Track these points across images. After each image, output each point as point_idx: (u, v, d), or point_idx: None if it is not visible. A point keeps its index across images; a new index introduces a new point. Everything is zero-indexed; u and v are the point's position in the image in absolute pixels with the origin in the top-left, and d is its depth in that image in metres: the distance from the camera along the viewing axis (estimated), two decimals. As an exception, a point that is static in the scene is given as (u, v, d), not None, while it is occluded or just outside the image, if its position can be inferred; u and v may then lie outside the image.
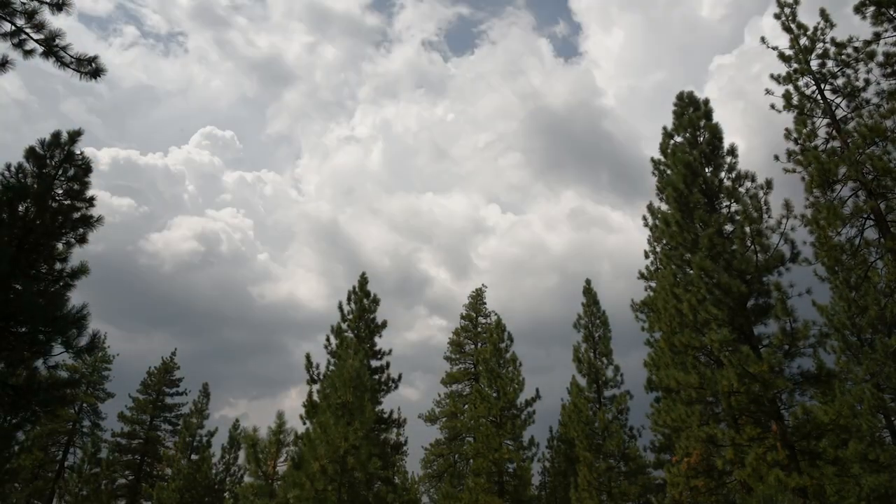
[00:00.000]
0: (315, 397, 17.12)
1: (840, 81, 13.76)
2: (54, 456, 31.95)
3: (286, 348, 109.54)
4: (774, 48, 14.62)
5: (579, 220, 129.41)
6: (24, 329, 9.57)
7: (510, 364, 22.48)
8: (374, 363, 19.11)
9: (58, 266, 10.18)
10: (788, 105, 14.39)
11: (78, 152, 10.75)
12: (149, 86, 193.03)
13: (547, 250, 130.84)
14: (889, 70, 12.77)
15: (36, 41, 7.46)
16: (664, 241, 17.43)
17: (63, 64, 7.65)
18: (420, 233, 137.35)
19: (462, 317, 35.04)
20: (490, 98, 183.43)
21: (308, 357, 18.65)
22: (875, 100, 13.28)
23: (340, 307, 19.82)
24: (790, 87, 14.40)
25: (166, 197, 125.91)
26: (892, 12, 12.22)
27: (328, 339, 19.20)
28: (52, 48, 7.50)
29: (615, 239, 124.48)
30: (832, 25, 13.90)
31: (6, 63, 7.47)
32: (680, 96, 16.38)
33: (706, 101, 15.73)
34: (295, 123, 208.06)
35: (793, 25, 14.46)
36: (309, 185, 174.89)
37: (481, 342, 32.52)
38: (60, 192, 10.51)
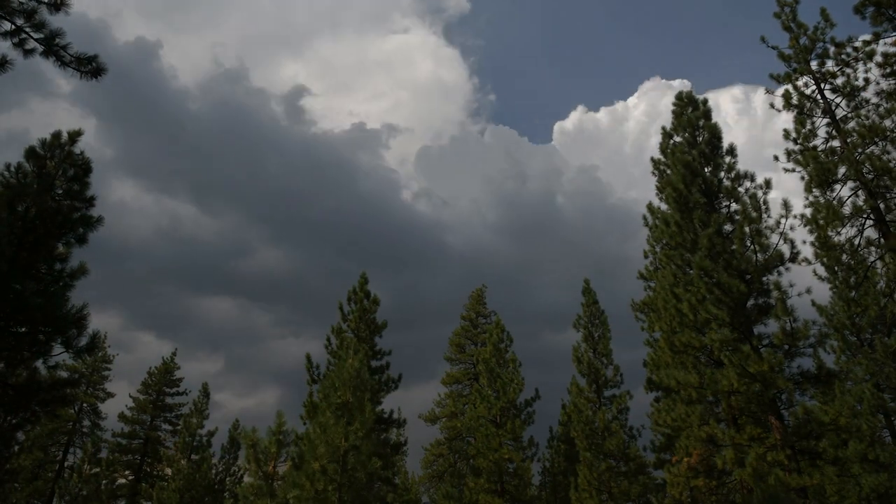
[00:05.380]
0: (315, 397, 17.12)
1: (840, 81, 13.76)
2: (54, 456, 31.94)
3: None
4: (774, 47, 14.62)
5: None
6: (24, 329, 9.57)
7: (510, 364, 22.48)
8: (374, 363, 19.12)
9: (58, 266, 10.19)
10: (788, 104, 14.38)
11: (77, 152, 10.76)
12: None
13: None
14: (888, 70, 12.76)
15: (36, 40, 7.45)
16: (664, 241, 17.43)
17: (63, 63, 7.65)
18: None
19: (462, 317, 35.03)
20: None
21: (308, 357, 18.69)
22: (875, 99, 13.27)
23: (340, 307, 19.84)
24: (789, 87, 14.40)
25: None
26: (891, 12, 12.21)
27: (328, 340, 19.22)
28: (52, 47, 7.49)
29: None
30: (832, 25, 13.89)
31: (5, 63, 7.46)
32: (679, 96, 16.41)
33: (705, 101, 15.76)
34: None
35: (792, 24, 14.46)
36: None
37: (481, 343, 32.50)
38: (60, 192, 10.52)
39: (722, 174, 14.53)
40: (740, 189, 14.02)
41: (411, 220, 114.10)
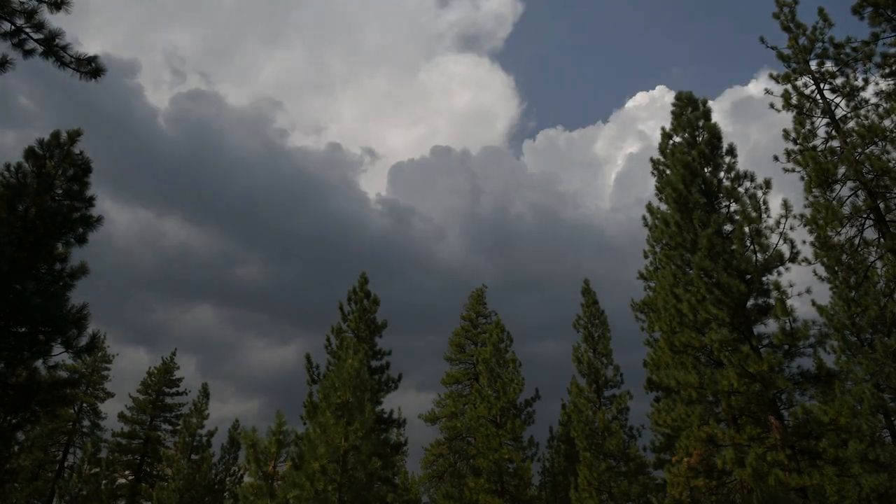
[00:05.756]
0: (315, 397, 17.12)
1: (839, 81, 13.77)
2: (54, 456, 31.95)
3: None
4: (773, 47, 14.63)
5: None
6: (24, 329, 9.58)
7: (510, 364, 22.48)
8: (374, 363, 19.13)
9: (58, 266, 10.19)
10: (787, 105, 14.39)
11: (77, 152, 10.77)
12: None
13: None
14: (887, 70, 12.77)
15: (36, 41, 7.46)
16: (664, 241, 17.42)
17: (63, 64, 7.65)
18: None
19: (462, 317, 35.04)
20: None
21: (308, 357, 18.68)
22: (874, 99, 13.29)
23: (340, 307, 19.84)
24: (789, 87, 14.41)
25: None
26: (889, 13, 12.22)
27: (328, 340, 19.22)
28: (52, 48, 7.49)
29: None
30: (830, 25, 13.91)
31: (6, 63, 7.47)
32: (678, 96, 16.40)
33: (704, 101, 15.75)
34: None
35: (791, 25, 14.47)
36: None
37: (481, 343, 32.51)
38: (60, 192, 10.53)
39: (722, 174, 14.53)
40: (740, 189, 14.02)
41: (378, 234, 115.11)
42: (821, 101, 14.13)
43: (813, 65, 14.16)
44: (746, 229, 12.93)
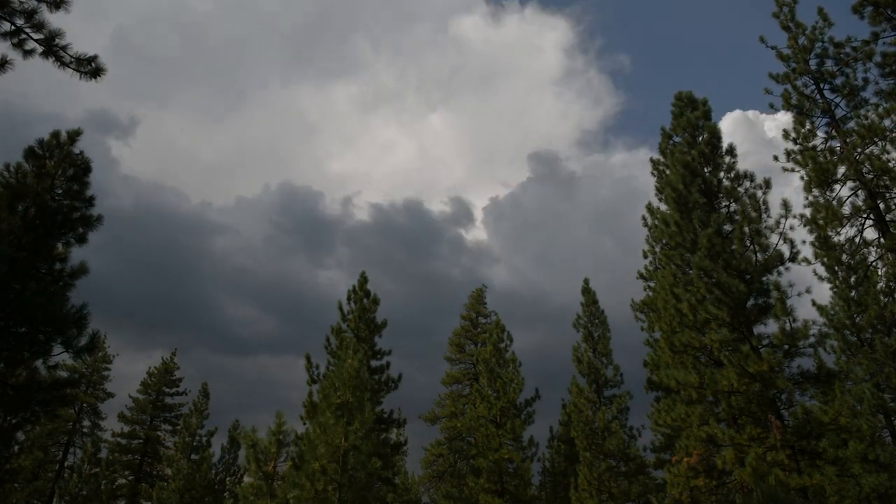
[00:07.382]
0: (315, 397, 17.12)
1: (839, 81, 13.77)
2: (54, 456, 31.95)
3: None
4: (773, 47, 14.63)
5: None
6: (24, 329, 9.57)
7: (510, 364, 22.48)
8: (374, 363, 19.13)
9: (58, 266, 10.19)
10: (787, 104, 14.40)
11: (77, 152, 10.77)
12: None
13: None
14: (887, 69, 12.77)
15: (36, 41, 7.46)
16: (663, 241, 17.43)
17: (63, 64, 7.66)
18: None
19: (462, 317, 35.04)
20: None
21: (308, 357, 18.67)
22: (874, 99, 13.30)
23: (340, 307, 19.84)
24: (789, 87, 14.41)
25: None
26: (889, 12, 12.22)
27: (328, 340, 19.21)
28: (52, 48, 7.50)
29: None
30: (830, 24, 13.90)
31: (6, 63, 7.47)
32: (678, 96, 16.40)
33: (704, 101, 15.75)
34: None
35: (791, 24, 14.47)
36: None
37: (481, 343, 32.50)
38: (60, 191, 10.53)
39: (721, 174, 14.53)
40: (740, 189, 14.01)
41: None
42: (820, 100, 14.14)
43: (813, 64, 14.17)
44: (746, 229, 12.92)
